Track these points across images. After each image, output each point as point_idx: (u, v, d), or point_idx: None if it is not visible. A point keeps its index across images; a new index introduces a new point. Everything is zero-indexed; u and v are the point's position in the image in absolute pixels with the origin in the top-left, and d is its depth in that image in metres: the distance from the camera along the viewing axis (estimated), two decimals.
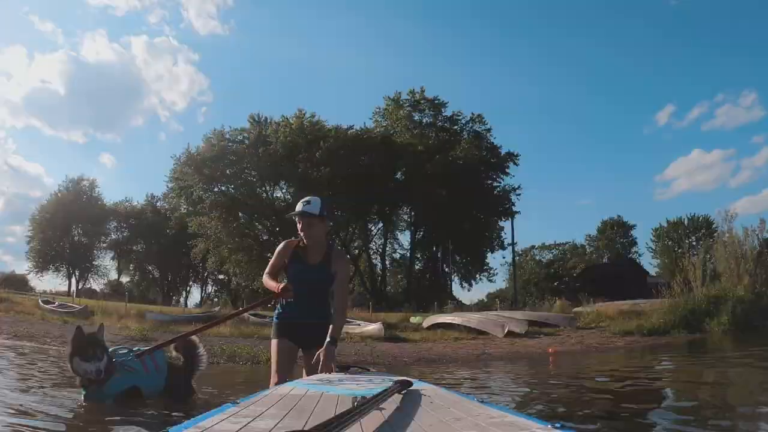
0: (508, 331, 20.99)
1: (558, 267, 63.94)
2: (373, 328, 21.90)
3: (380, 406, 2.52)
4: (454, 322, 23.82)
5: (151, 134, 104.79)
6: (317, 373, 4.04)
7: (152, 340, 16.30)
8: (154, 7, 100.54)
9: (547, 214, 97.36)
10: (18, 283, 55.32)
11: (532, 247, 72.07)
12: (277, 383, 4.22)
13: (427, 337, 21.79)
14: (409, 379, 3.52)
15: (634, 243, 72.15)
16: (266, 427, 2.08)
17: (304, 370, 4.62)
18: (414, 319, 26.84)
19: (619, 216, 72.45)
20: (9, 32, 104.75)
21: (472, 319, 23.51)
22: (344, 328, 20.59)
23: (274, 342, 4.76)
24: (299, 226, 4.68)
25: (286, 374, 4.51)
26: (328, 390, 3.04)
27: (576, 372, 11.81)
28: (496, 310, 30.59)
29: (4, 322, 18.56)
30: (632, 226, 71.75)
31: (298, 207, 4.70)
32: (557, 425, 1.97)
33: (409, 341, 20.45)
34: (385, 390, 2.78)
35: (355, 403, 2.42)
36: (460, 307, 31.89)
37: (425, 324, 25.21)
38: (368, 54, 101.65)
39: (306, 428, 1.77)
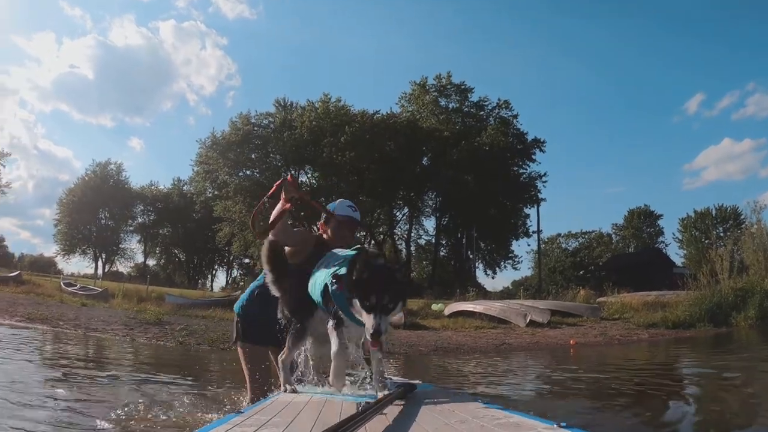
0: (530, 320, 20.73)
1: (584, 256, 63.27)
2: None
3: (384, 411, 2.58)
4: (475, 310, 23.59)
5: (180, 118, 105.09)
6: None
7: (167, 324, 16.37)
8: None
9: (573, 203, 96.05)
10: (46, 265, 55.90)
11: (559, 235, 71.52)
12: None
13: (448, 324, 21.61)
14: (413, 382, 3.66)
15: (661, 233, 71.04)
16: (275, 430, 2.17)
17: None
18: (435, 307, 26.58)
19: (646, 205, 71.54)
20: (39, 18, 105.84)
21: (493, 307, 23.26)
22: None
23: None
24: (338, 229, 4.63)
25: None
26: (332, 396, 3.14)
27: (596, 366, 11.68)
28: (519, 298, 30.30)
29: (21, 304, 18.74)
30: (659, 216, 70.75)
31: (346, 211, 4.69)
32: (563, 424, 2.08)
33: (429, 329, 20.31)
34: (389, 394, 2.92)
35: (360, 408, 2.47)
36: (483, 294, 31.51)
37: (447, 311, 24.98)
38: (397, 38, 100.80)
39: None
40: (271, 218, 4.44)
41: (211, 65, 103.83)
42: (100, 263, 70.23)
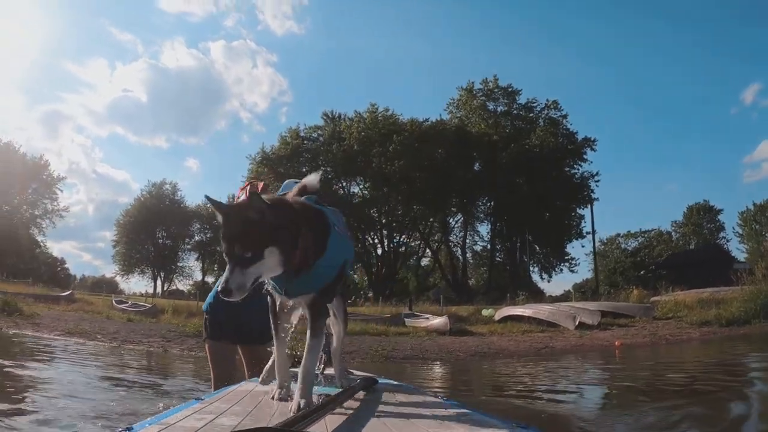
0: (580, 322, 20.29)
1: (644, 255, 61.75)
2: (438, 322, 21.76)
3: (345, 404, 2.62)
4: (524, 314, 23.28)
5: (234, 136, 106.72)
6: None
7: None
8: (229, 11, 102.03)
9: (631, 201, 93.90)
10: (108, 286, 57.47)
11: (618, 235, 69.41)
12: None
13: (496, 330, 21.46)
14: (374, 376, 3.67)
15: (721, 228, 68.56)
16: (231, 423, 2.17)
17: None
18: (485, 312, 26.34)
19: (705, 200, 69.30)
20: (91, 45, 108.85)
21: (542, 310, 22.89)
22: (412, 322, 20.42)
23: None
24: None
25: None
26: (292, 387, 2.92)
27: (633, 368, 11.44)
28: (572, 300, 29.74)
29: (65, 320, 19.32)
30: (719, 211, 68.34)
31: (287, 188, 4.19)
32: (522, 425, 2.14)
33: (475, 335, 20.15)
34: (349, 387, 2.96)
35: (320, 401, 2.49)
36: (538, 298, 31.07)
37: (497, 317, 24.75)
38: (442, 44, 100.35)
39: (271, 425, 1.98)
40: None
41: (262, 83, 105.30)
42: (159, 282, 71.75)
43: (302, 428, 1.94)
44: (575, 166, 55.22)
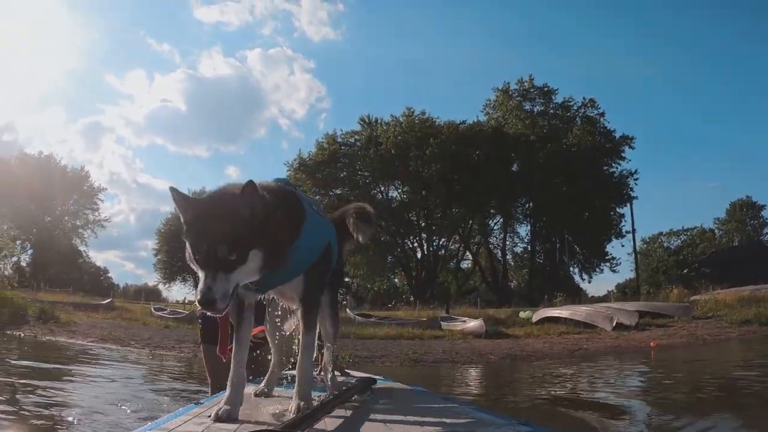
0: (617, 323, 20.16)
1: (687, 253, 60.65)
2: (473, 325, 21.76)
3: (344, 404, 2.62)
4: (561, 315, 23.20)
5: (274, 143, 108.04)
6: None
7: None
8: (266, 19, 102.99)
9: (673, 199, 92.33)
10: (151, 294, 58.42)
11: (660, 233, 68.25)
12: None
13: (532, 332, 21.44)
14: (373, 376, 3.73)
15: (765, 224, 67.22)
16: (231, 427, 2.16)
17: None
18: (523, 314, 26.24)
19: (748, 196, 68.08)
20: (129, 57, 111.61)
21: (579, 312, 22.79)
22: (448, 325, 20.38)
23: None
24: None
25: None
26: (289, 389, 2.92)
27: (661, 368, 11.43)
28: (611, 301, 29.48)
29: (101, 327, 19.86)
30: (762, 207, 66.87)
31: None
32: (522, 422, 2.15)
33: (510, 337, 20.15)
34: (347, 388, 2.93)
35: (318, 402, 2.45)
36: (572, 299, 30.85)
37: (534, 318, 24.66)
38: (478, 46, 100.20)
39: (271, 428, 1.87)
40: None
41: (300, 89, 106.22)
42: None
43: (304, 428, 1.96)
44: (613, 164, 54.44)
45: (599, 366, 12.34)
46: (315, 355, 3.24)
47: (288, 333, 3.12)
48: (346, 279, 67.58)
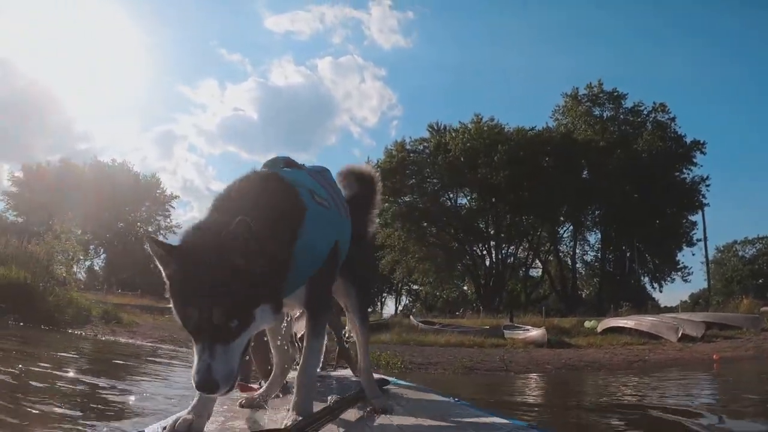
0: (683, 334, 19.94)
1: (763, 263, 58.72)
2: (535, 334, 21.78)
3: (357, 405, 2.68)
4: (626, 325, 23.01)
5: (345, 151, 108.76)
6: None
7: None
8: (336, 28, 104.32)
9: (748, 206, 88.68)
10: None
11: (735, 242, 66.33)
12: None
13: (595, 342, 21.37)
14: (385, 377, 3.80)
15: None
16: (244, 425, 2.28)
17: None
18: (588, 324, 26.05)
19: None
20: (201, 67, 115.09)
21: (644, 322, 22.59)
22: (510, 334, 20.30)
23: None
24: None
25: None
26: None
27: (719, 383, 11.27)
28: (678, 311, 29.05)
29: (162, 329, 20.35)
30: None
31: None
32: (533, 425, 2.25)
33: (572, 347, 20.13)
34: (360, 389, 2.89)
35: (331, 403, 2.51)
36: (638, 309, 30.43)
37: (599, 328, 24.45)
38: (549, 52, 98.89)
39: (283, 426, 1.94)
40: None
41: (371, 97, 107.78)
42: None
43: (316, 428, 2.02)
44: (684, 170, 53.20)
45: (651, 378, 12.32)
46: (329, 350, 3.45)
47: (300, 334, 2.95)
48: (415, 287, 67.85)
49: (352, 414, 2.48)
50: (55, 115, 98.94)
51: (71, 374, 7.15)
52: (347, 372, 4.56)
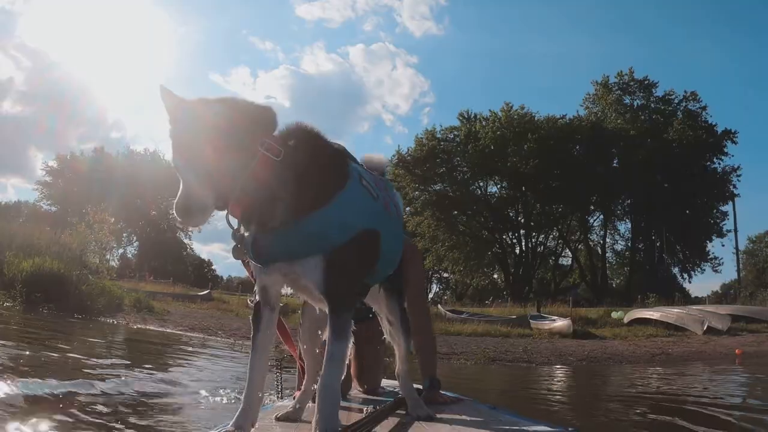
0: (709, 327, 20.14)
1: None
2: (561, 324, 22.05)
3: (395, 413, 2.65)
4: (652, 317, 23.24)
5: (377, 139, 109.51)
6: None
7: None
8: (367, 15, 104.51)
9: None
10: (251, 286, 60.63)
11: (767, 232, 65.43)
12: None
13: (621, 333, 21.59)
14: (417, 387, 3.55)
15: None
16: None
17: None
18: (615, 314, 26.31)
19: None
20: (233, 55, 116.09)
21: (670, 314, 22.81)
22: (536, 323, 20.42)
23: None
24: None
25: None
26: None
27: (737, 378, 11.25)
28: (705, 303, 29.11)
29: (193, 317, 20.92)
30: None
31: None
32: (570, 429, 2.28)
33: (597, 338, 20.39)
34: (397, 398, 2.89)
35: (367, 413, 2.55)
36: (665, 300, 30.42)
37: (626, 319, 24.71)
38: (579, 40, 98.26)
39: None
40: None
41: (403, 84, 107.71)
42: None
43: None
44: (715, 160, 52.55)
45: (669, 371, 12.45)
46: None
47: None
48: (445, 275, 67.84)
49: (389, 423, 2.39)
50: (88, 105, 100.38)
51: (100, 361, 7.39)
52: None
